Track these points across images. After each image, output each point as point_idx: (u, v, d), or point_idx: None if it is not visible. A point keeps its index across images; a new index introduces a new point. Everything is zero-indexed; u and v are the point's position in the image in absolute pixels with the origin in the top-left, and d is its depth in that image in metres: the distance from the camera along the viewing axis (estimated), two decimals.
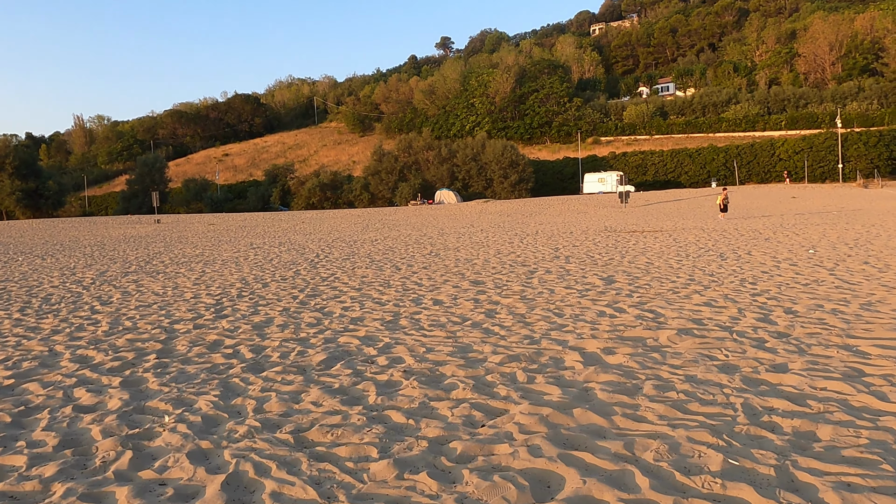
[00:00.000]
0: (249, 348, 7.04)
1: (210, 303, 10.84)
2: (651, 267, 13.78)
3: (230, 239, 29.98)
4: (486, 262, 16.26)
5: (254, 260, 19.50)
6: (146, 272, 17.08)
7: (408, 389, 5.13)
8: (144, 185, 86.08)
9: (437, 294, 10.83)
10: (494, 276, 13.04)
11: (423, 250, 20.74)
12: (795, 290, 9.71)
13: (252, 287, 12.90)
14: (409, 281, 12.94)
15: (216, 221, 51.76)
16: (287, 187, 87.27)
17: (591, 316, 8.19)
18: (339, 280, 13.60)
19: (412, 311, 9.08)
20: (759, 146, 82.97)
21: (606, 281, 11.62)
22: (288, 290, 12.11)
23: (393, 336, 7.43)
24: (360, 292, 11.48)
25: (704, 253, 16.59)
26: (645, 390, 4.91)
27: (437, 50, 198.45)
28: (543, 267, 14.64)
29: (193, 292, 12.44)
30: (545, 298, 9.76)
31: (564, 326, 7.57)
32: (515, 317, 8.34)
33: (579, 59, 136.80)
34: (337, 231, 33.27)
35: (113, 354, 6.95)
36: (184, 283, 14.07)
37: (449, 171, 79.75)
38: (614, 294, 9.95)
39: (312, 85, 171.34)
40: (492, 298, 10.02)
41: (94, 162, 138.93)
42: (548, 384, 5.14)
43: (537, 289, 10.89)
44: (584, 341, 6.68)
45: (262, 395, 5.21)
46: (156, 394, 5.39)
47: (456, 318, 8.41)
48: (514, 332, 7.33)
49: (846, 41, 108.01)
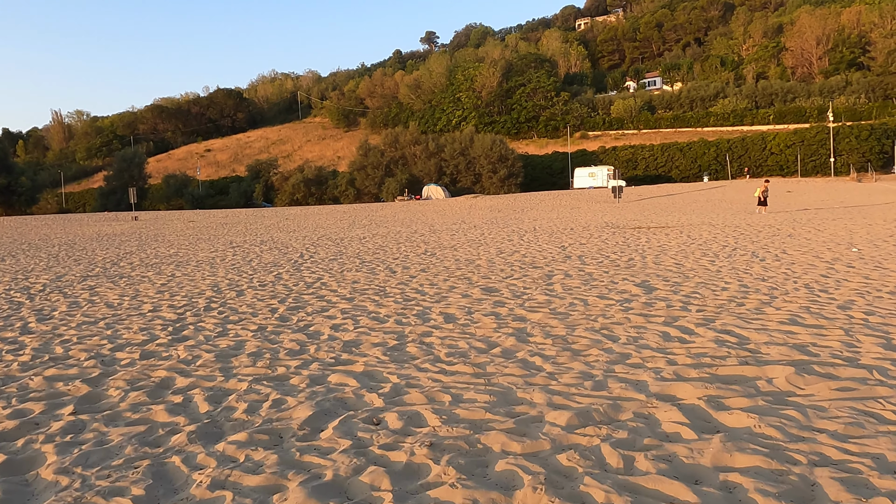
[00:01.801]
0: (206, 395, 5.12)
1: (170, 319, 8.90)
2: (684, 269, 12.01)
3: (209, 237, 27.89)
4: (492, 264, 14.43)
5: (231, 261, 17.53)
6: (108, 276, 15.07)
7: (443, 491, 3.23)
8: (123, 181, 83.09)
9: (445, 306, 8.97)
10: (507, 282, 11.20)
11: (417, 249, 18.88)
12: (886, 301, 7.96)
13: (224, 296, 10.97)
14: (409, 288, 11.07)
15: (196, 218, 49.49)
16: (270, 183, 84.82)
17: (655, 339, 6.37)
18: (326, 287, 11.70)
19: (421, 332, 7.22)
20: (750, 140, 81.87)
21: (644, 288, 9.82)
22: (266, 301, 10.19)
23: (402, 373, 5.56)
24: (353, 303, 9.59)
25: (732, 252, 14.86)
26: (829, 491, 3.05)
27: (421, 45, 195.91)
28: (559, 269, 12.83)
29: (154, 303, 10.48)
30: (582, 313, 7.94)
31: (628, 357, 5.74)
32: (555, 341, 6.50)
33: (566, 53, 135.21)
34: (322, 228, 31.27)
35: (15, 406, 5.01)
36: (146, 291, 12.10)
37: (437, 165, 77.75)
38: (665, 307, 8.15)
39: (296, 79, 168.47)
40: (515, 312, 8.18)
41: (73, 158, 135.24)
42: (661, 475, 3.29)
43: (565, 299, 9.06)
44: (670, 385, 4.84)
45: (210, 497, 3.32)
46: (42, 496, 3.47)
47: (479, 343, 6.55)
48: (564, 368, 5.49)
49: (833, 35, 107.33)
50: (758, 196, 30.49)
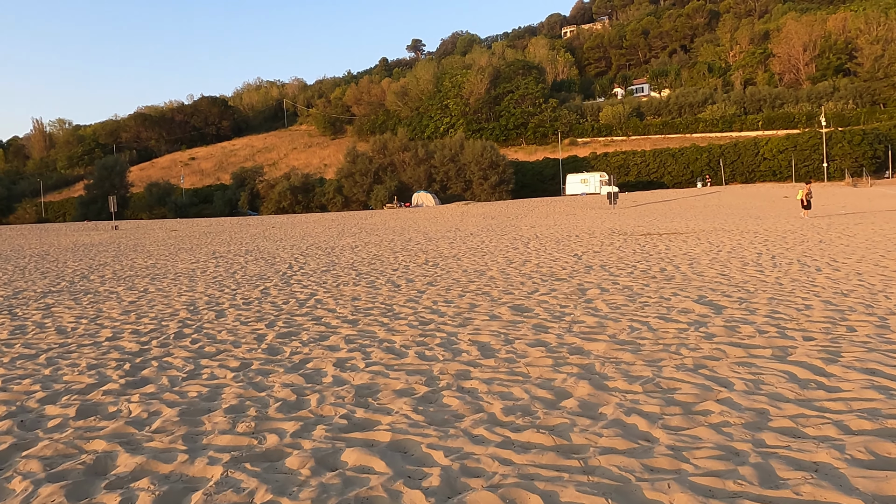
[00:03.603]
0: (157, 495, 3.36)
1: (130, 351, 7.10)
2: (735, 282, 10.37)
3: (191, 247, 25.95)
4: (506, 275, 12.74)
5: (213, 273, 15.72)
6: (72, 292, 13.22)
7: None
8: (104, 190, 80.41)
9: (473, 332, 7.25)
10: (536, 298, 9.50)
11: (417, 259, 17.15)
12: None
13: (201, 318, 9.17)
14: (421, 306, 9.34)
15: (179, 227, 47.40)
16: (256, 191, 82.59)
17: (785, 386, 4.68)
18: (321, 305, 9.94)
19: (455, 372, 5.49)
20: (742, 146, 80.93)
21: (708, 306, 8.15)
22: (251, 325, 8.42)
23: (450, 445, 3.81)
24: (357, 328, 7.85)
25: (772, 260, 13.27)
26: None
27: (408, 52, 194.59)
28: (588, 282, 11.15)
29: (115, 328, 8.68)
30: (654, 342, 6.25)
31: (766, 416, 4.04)
32: (645, 386, 4.80)
33: (553, 60, 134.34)
34: (311, 237, 29.41)
35: None
36: (110, 311, 10.28)
37: (426, 172, 75.97)
38: (755, 332, 6.48)
39: (281, 87, 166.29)
40: (566, 341, 6.48)
41: (54, 167, 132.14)
42: None
43: (619, 321, 7.37)
44: (885, 478, 3.16)
45: None
46: None
47: (541, 391, 4.83)
48: (685, 436, 3.78)
49: (819, 41, 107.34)
50: (801, 199, 28.52)
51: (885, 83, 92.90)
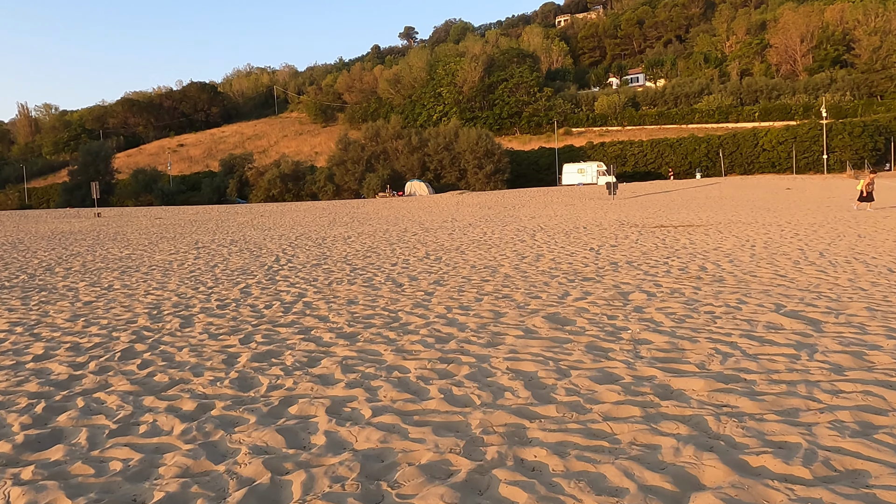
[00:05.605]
0: None
1: (54, 381, 5.35)
2: (805, 286, 8.73)
3: (173, 235, 24.08)
4: (522, 272, 11.07)
5: (191, 266, 13.97)
6: (25, 288, 11.46)
7: None
8: (88, 176, 77.91)
9: (509, 354, 5.56)
10: (576, 307, 7.82)
11: (416, 252, 15.45)
12: None
13: (161, 327, 7.43)
14: (433, 314, 7.63)
15: (164, 215, 45.37)
16: (245, 178, 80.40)
17: None
18: (312, 310, 8.22)
19: (503, 428, 3.80)
20: (741, 136, 79.46)
21: (801, 320, 6.49)
22: (221, 340, 6.68)
23: None
24: (357, 346, 6.14)
25: (836, 261, 11.66)
26: None
27: (400, 40, 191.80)
28: (624, 283, 9.49)
29: (51, 341, 6.92)
30: (767, 377, 4.59)
31: None
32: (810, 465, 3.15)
33: (547, 49, 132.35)
34: (301, 226, 27.58)
35: None
36: (55, 316, 8.52)
37: (420, 160, 74.02)
38: (892, 360, 4.84)
39: (272, 74, 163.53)
40: (640, 373, 4.82)
41: (39, 152, 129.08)
42: None
43: (696, 342, 5.70)
44: None
45: None
46: None
47: (656, 479, 3.16)
48: None
49: (817, 32, 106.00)
50: (860, 189, 26.11)
51: (883, 75, 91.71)
